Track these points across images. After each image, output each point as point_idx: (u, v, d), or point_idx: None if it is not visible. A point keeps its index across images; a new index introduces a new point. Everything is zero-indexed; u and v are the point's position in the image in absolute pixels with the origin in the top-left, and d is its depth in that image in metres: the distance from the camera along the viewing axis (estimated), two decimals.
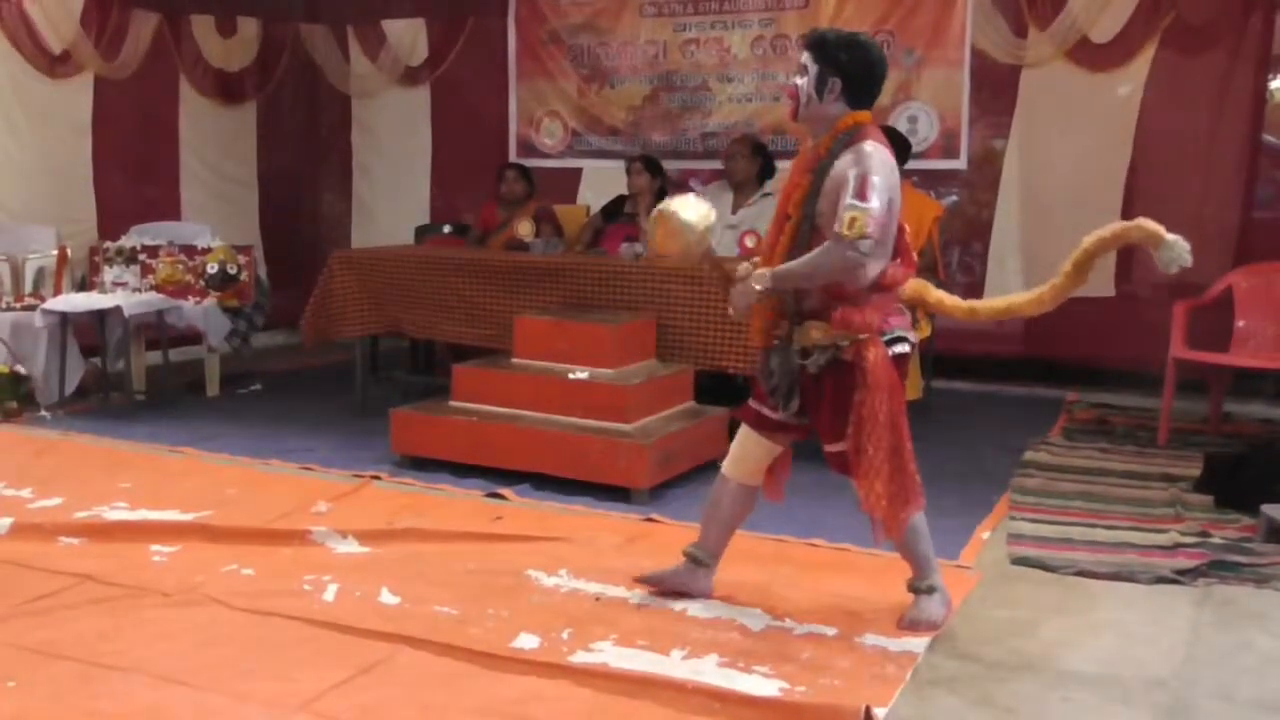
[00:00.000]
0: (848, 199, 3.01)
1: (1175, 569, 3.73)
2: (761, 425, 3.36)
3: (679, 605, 3.42)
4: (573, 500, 4.52)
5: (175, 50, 7.77)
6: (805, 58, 3.24)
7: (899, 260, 3.19)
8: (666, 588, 3.50)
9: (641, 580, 3.54)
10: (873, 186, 3.01)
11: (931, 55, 6.98)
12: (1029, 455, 5.24)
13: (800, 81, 3.23)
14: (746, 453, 3.41)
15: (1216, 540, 4.02)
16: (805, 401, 3.25)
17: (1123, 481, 4.82)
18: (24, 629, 3.20)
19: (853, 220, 2.98)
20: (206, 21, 7.95)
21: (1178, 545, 3.96)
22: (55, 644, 3.11)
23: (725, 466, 3.47)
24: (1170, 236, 3.00)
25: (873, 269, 3.09)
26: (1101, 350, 6.68)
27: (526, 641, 3.14)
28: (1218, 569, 3.76)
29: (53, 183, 7.00)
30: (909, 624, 3.26)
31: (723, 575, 3.62)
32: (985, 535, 4.16)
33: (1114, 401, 6.40)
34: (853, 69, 3.18)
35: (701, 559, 3.49)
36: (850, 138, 3.13)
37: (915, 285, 3.27)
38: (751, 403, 3.38)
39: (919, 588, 3.31)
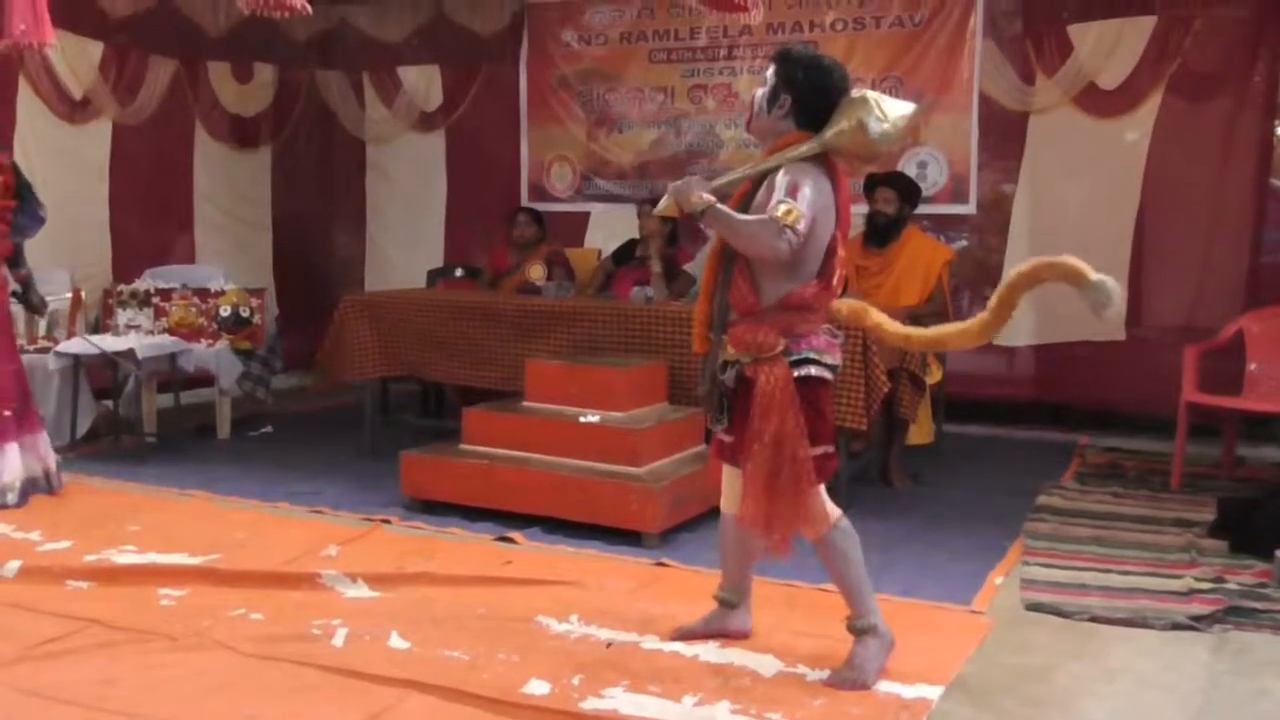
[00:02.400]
0: (780, 196, 3.03)
1: (1190, 615, 3.70)
2: (720, 454, 3.37)
3: (690, 651, 3.40)
4: (583, 544, 4.50)
5: (192, 96, 7.86)
6: (769, 70, 3.28)
7: (819, 282, 3.17)
8: (704, 635, 3.48)
9: (678, 635, 3.50)
10: (803, 196, 3.03)
11: (940, 101, 7.03)
12: (1041, 500, 5.21)
13: (758, 93, 3.28)
14: (730, 485, 3.41)
15: (1232, 586, 3.98)
16: (737, 419, 3.24)
17: (1136, 526, 4.80)
18: (30, 673, 3.19)
19: (789, 211, 2.99)
20: (223, 68, 8.05)
21: (1192, 591, 3.93)
22: (61, 688, 3.09)
23: (721, 504, 3.47)
24: (1096, 277, 2.82)
25: (778, 283, 3.12)
26: (1113, 394, 6.67)
27: (537, 688, 3.12)
28: (1233, 615, 3.73)
29: (69, 226, 7.04)
30: (834, 681, 3.17)
31: None
32: (998, 580, 4.13)
33: (1126, 446, 6.38)
34: (805, 88, 3.19)
35: (729, 600, 3.49)
36: (792, 155, 3.15)
37: (854, 307, 3.22)
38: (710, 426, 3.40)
39: (855, 627, 3.23)
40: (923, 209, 6.37)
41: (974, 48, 6.94)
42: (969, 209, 7.08)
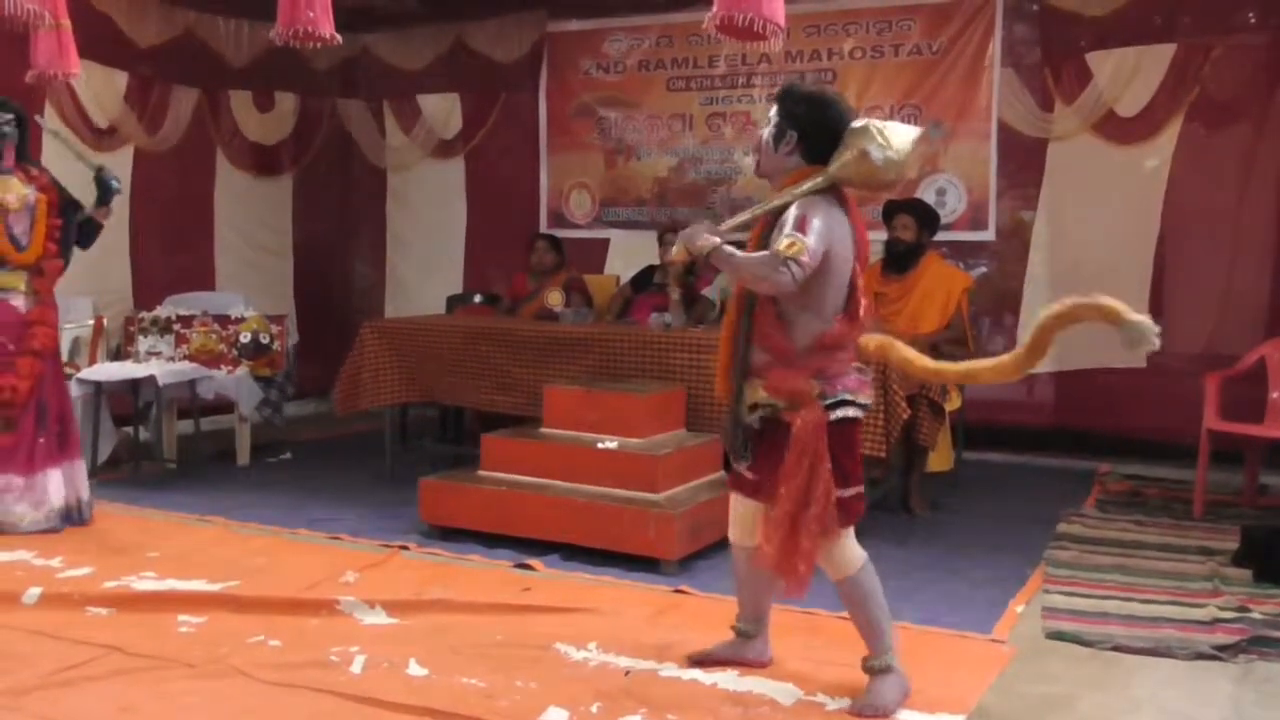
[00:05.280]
0: (787, 229, 3.03)
1: (1215, 645, 3.66)
2: (737, 486, 3.35)
3: (709, 679, 3.38)
4: (601, 571, 4.49)
5: (213, 124, 7.94)
6: (772, 110, 3.28)
7: (846, 318, 3.15)
8: (720, 662, 3.47)
9: (695, 658, 3.49)
10: (812, 228, 3.01)
11: (959, 128, 7.04)
12: (1062, 527, 5.18)
13: (764, 133, 3.28)
14: (738, 514, 3.39)
15: (1256, 615, 3.94)
16: (760, 457, 3.21)
17: (1158, 554, 4.76)
18: (49, 700, 3.19)
19: (790, 244, 2.97)
20: (245, 97, 8.12)
21: (1216, 620, 3.89)
22: (80, 715, 3.10)
23: (731, 534, 3.45)
24: (1134, 316, 2.78)
25: (806, 323, 3.10)
26: (1134, 421, 6.63)
27: (555, 715, 3.10)
28: (1258, 645, 3.68)
29: (90, 253, 7.08)
30: (856, 710, 3.14)
31: None
32: (1019, 609, 4.10)
33: (1147, 473, 6.34)
34: (809, 123, 3.19)
35: (745, 630, 3.48)
36: (800, 190, 3.13)
37: (880, 343, 3.21)
38: (732, 464, 3.37)
39: (872, 667, 3.20)
40: (942, 236, 6.36)
41: (992, 75, 6.95)
42: (988, 236, 7.07)
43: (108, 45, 6.93)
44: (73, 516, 5.08)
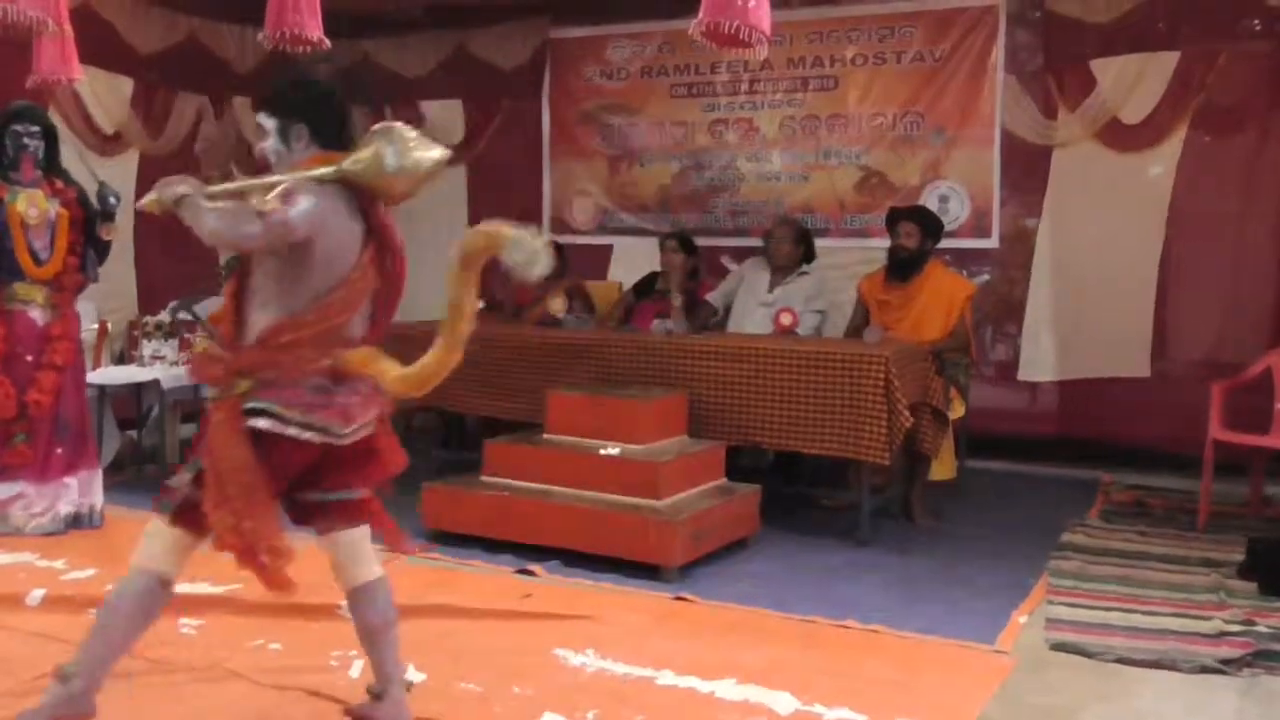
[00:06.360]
0: (270, 197, 2.82)
1: (1219, 658, 3.64)
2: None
3: (707, 687, 3.37)
4: (602, 577, 4.48)
5: (218, 130, 7.93)
6: (260, 118, 3.03)
7: (316, 312, 2.91)
8: None
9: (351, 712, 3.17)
10: (298, 204, 2.78)
11: (961, 135, 7.02)
12: (1066, 537, 5.16)
13: (266, 145, 3.02)
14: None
15: (1262, 629, 3.91)
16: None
17: (1163, 566, 4.74)
18: None
19: (264, 201, 2.82)
20: (249, 103, 8.12)
21: (1221, 633, 3.87)
22: None
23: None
24: (515, 233, 2.80)
25: (266, 315, 2.91)
26: (1137, 431, 6.59)
27: None
28: (1263, 659, 3.66)
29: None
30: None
31: (752, 657, 3.59)
32: (1022, 619, 4.08)
33: (1151, 483, 6.30)
34: (310, 108, 3.01)
35: (375, 691, 3.10)
36: (303, 175, 2.90)
37: (363, 355, 3.06)
38: None
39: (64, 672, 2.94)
40: (945, 243, 6.35)
41: (995, 82, 6.94)
42: (991, 243, 7.06)
43: (112, 51, 6.93)
44: (82, 522, 5.09)
